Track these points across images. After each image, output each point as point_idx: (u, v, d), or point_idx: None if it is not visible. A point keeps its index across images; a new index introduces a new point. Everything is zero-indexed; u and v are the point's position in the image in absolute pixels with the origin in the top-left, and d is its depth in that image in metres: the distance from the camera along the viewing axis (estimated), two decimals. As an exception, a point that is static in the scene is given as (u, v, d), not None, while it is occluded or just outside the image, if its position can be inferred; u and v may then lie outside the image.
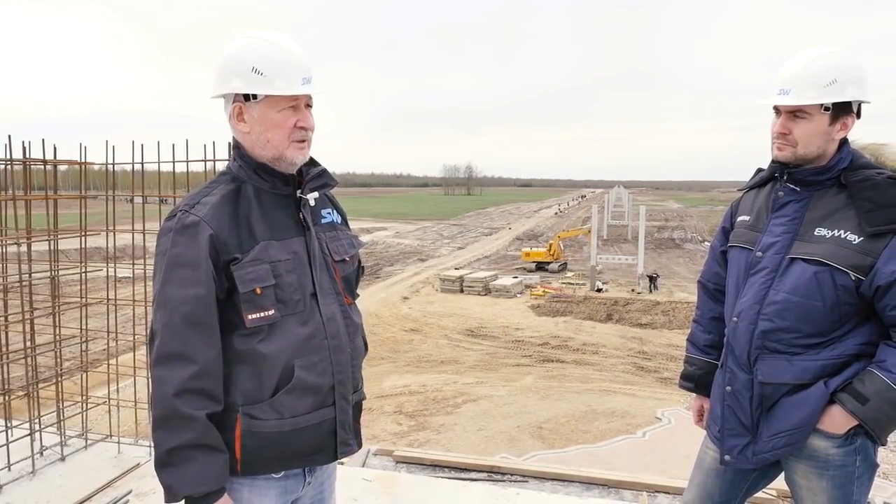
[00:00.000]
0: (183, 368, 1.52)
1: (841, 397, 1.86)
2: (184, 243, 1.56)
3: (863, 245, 1.82)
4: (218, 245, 1.57)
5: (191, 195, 1.66)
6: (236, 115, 1.65)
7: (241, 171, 1.69)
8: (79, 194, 3.76)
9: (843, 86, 1.84)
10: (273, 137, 1.65)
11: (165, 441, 1.52)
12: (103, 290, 3.99)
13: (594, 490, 3.91)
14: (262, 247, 1.62)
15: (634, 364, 22.20)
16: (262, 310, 1.59)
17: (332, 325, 1.70)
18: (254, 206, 1.65)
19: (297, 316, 1.65)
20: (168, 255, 1.57)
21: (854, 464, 1.92)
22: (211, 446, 1.54)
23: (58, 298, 3.77)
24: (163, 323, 1.54)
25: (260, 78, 1.61)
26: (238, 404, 1.61)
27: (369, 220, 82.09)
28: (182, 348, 1.53)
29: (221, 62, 1.66)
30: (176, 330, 1.53)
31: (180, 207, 1.62)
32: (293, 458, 1.68)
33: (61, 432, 3.77)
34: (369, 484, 3.51)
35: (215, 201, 1.62)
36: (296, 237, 1.69)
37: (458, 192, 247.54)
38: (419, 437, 15.13)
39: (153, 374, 1.55)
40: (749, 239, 2.06)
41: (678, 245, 59.62)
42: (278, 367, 1.61)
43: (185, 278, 1.54)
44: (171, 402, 1.51)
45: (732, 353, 2.04)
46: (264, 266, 1.60)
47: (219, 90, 1.67)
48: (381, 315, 29.07)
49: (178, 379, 1.51)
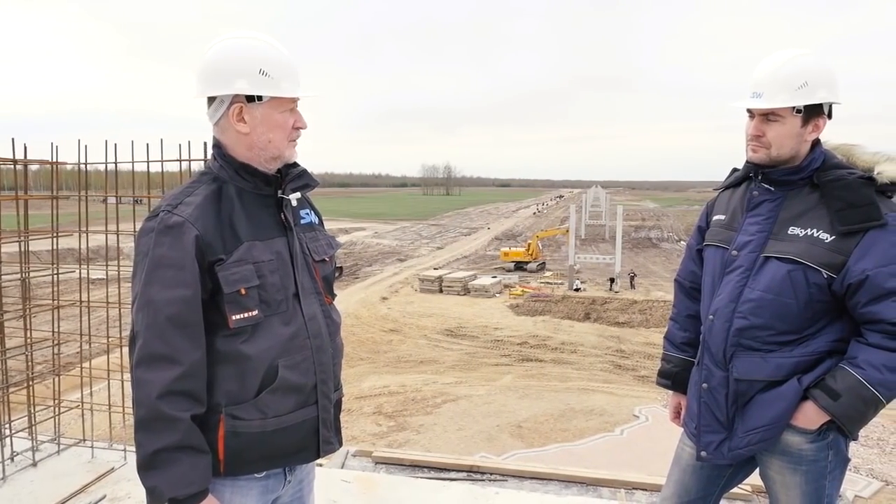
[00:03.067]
0: (168, 370, 1.50)
1: (814, 394, 1.89)
2: (168, 244, 1.54)
3: (835, 244, 1.85)
4: (203, 246, 1.56)
5: (172, 195, 1.64)
6: (235, 115, 1.63)
7: (221, 171, 1.68)
8: (50, 194, 3.69)
9: (814, 88, 1.87)
10: (275, 138, 1.66)
11: (149, 443, 1.51)
12: (76, 291, 3.93)
13: (573, 488, 3.94)
14: (246, 247, 1.61)
15: (612, 362, 22.40)
16: (246, 310, 1.59)
17: (314, 324, 1.72)
18: (236, 206, 1.64)
19: (279, 316, 1.65)
20: (151, 256, 1.55)
21: (826, 458, 1.96)
22: (195, 448, 1.53)
23: (29, 301, 3.69)
24: (146, 324, 1.52)
25: (267, 80, 1.62)
26: (221, 405, 1.60)
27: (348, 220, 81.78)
28: (167, 350, 1.51)
29: (218, 62, 1.63)
30: (161, 331, 1.51)
31: (162, 207, 1.59)
32: (276, 457, 1.68)
33: (33, 437, 3.69)
34: (348, 485, 3.49)
35: (199, 202, 1.60)
36: (278, 237, 1.69)
37: (436, 192, 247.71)
38: (399, 437, 15.10)
39: (135, 376, 1.53)
40: (724, 238, 2.09)
41: (655, 244, 60.28)
42: (262, 367, 1.62)
43: (170, 279, 1.53)
44: (155, 404, 1.49)
45: (708, 351, 2.07)
46: (248, 267, 1.60)
47: (218, 90, 1.63)
48: (360, 315, 28.96)
49: (163, 381, 1.49)
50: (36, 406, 3.73)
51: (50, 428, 3.85)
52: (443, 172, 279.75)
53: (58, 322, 3.76)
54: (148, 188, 3.74)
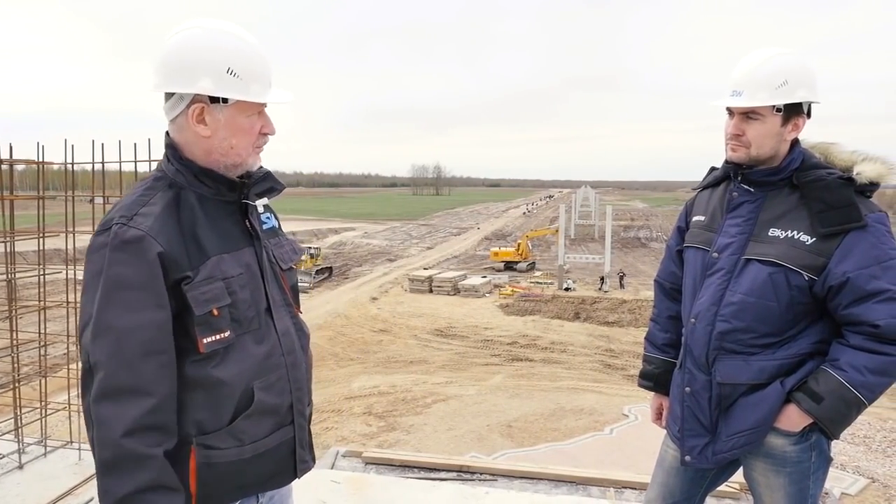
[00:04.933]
0: (136, 404, 1.34)
1: (797, 396, 1.89)
2: (125, 261, 1.36)
3: (815, 245, 1.85)
4: (168, 262, 1.39)
5: (123, 205, 1.45)
6: (195, 116, 1.46)
7: (178, 175, 1.50)
8: (37, 195, 3.65)
9: (794, 87, 1.87)
10: (238, 143, 1.50)
11: (116, 488, 1.33)
12: (63, 293, 3.89)
13: (562, 487, 3.94)
14: (214, 262, 1.46)
15: (602, 362, 22.50)
16: (218, 332, 1.44)
17: (288, 340, 1.61)
18: (199, 215, 1.48)
19: (251, 334, 1.52)
20: (106, 276, 1.36)
21: (810, 459, 1.96)
22: (168, 486, 1.38)
23: (15, 302, 3.66)
24: (108, 353, 1.35)
25: (235, 81, 1.45)
26: (191, 435, 1.45)
27: (337, 221, 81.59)
28: (136, 381, 1.35)
29: (181, 55, 1.44)
30: (126, 360, 1.34)
31: (114, 220, 1.41)
32: (252, 485, 1.57)
33: (19, 439, 3.66)
34: (338, 486, 3.48)
35: (157, 212, 1.43)
36: (246, 248, 1.55)
37: (426, 192, 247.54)
38: (389, 437, 15.09)
39: (95, 413, 1.35)
40: (704, 239, 2.08)
41: (644, 244, 60.58)
42: (237, 391, 1.48)
43: (132, 302, 1.36)
44: (121, 444, 1.32)
45: (691, 354, 2.06)
46: (219, 284, 1.45)
47: (178, 87, 1.45)
48: (349, 316, 28.92)
49: (131, 416, 1.34)
50: (22, 408, 3.70)
51: (36, 430, 3.82)
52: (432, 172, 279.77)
53: (44, 323, 3.73)
54: (136, 188, 3.71)
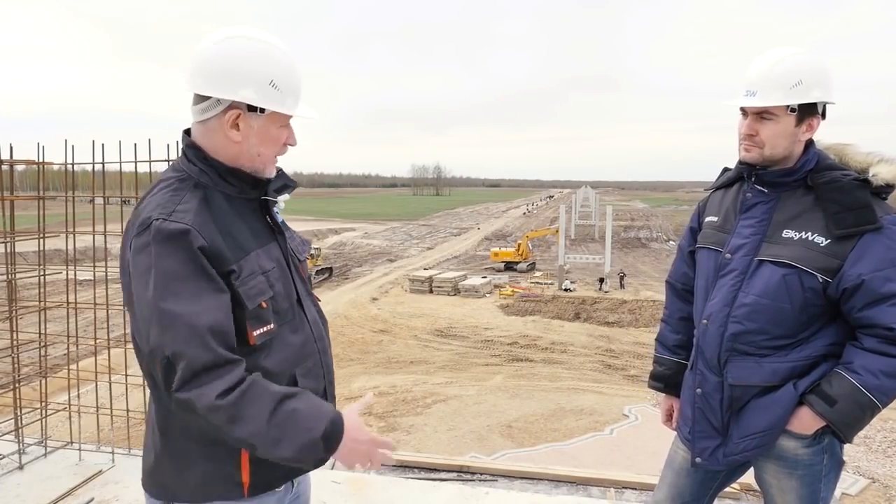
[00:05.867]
0: (228, 371, 1.37)
1: (809, 399, 1.87)
2: (172, 253, 1.38)
3: (830, 247, 1.83)
4: (211, 256, 1.41)
5: (156, 204, 1.46)
6: (230, 121, 1.50)
7: (202, 175, 1.53)
8: (37, 195, 3.65)
9: (809, 87, 1.85)
10: (265, 152, 1.56)
11: (269, 433, 1.36)
12: (63, 293, 3.90)
13: (563, 487, 3.95)
14: (253, 257, 1.51)
15: (602, 362, 22.48)
16: (266, 324, 1.50)
17: (317, 327, 1.69)
18: (228, 213, 1.52)
19: (288, 325, 1.58)
20: (157, 271, 1.37)
21: (822, 462, 1.95)
22: (288, 394, 1.41)
23: (15, 302, 3.66)
24: (183, 339, 1.34)
25: (275, 93, 1.50)
26: None
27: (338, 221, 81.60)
28: (216, 357, 1.36)
29: (228, 62, 1.48)
30: (205, 341, 1.35)
31: (153, 217, 1.41)
32: (298, 469, 1.62)
33: (19, 440, 3.66)
34: (339, 486, 3.48)
35: (195, 208, 1.45)
36: (271, 243, 1.61)
37: (426, 193, 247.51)
38: (389, 437, 15.06)
39: (191, 396, 1.34)
40: (717, 240, 2.06)
41: (644, 244, 60.54)
42: (283, 380, 1.53)
43: (191, 290, 1.37)
44: (223, 405, 1.34)
45: (702, 356, 2.04)
46: (260, 278, 1.51)
47: (221, 93, 1.48)
48: (350, 316, 28.90)
49: (229, 380, 1.36)
50: (22, 408, 3.70)
51: (37, 430, 3.82)
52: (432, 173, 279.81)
53: (44, 324, 3.72)
54: (136, 188, 3.71)
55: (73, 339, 3.80)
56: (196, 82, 1.49)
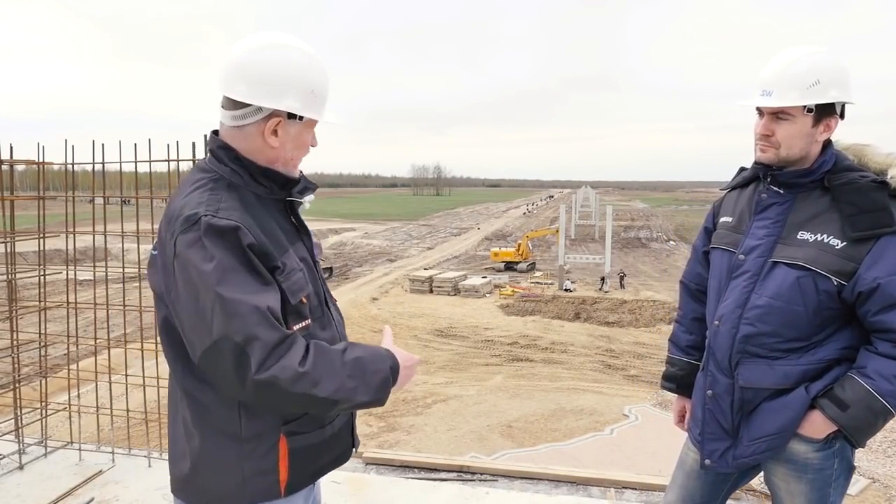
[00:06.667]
0: (296, 346, 1.40)
1: (822, 403, 1.85)
2: (226, 247, 1.39)
3: (845, 250, 1.81)
4: (259, 254, 1.43)
5: (199, 202, 1.45)
6: (271, 129, 1.52)
7: (234, 176, 1.54)
8: (37, 195, 3.66)
9: (826, 87, 1.82)
10: (297, 156, 1.61)
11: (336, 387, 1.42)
12: (63, 293, 3.90)
13: (562, 487, 3.94)
14: (291, 254, 1.54)
15: (602, 362, 22.47)
16: (304, 318, 1.53)
17: (340, 326, 1.72)
18: (263, 212, 1.54)
19: (318, 321, 1.60)
20: (214, 263, 1.37)
21: (832, 467, 1.93)
22: (344, 348, 1.49)
23: (15, 302, 3.66)
24: (253, 322, 1.35)
25: (315, 101, 1.55)
26: (279, 425, 1.52)
27: (338, 221, 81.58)
28: (283, 334, 1.39)
29: (272, 71, 1.50)
30: (270, 322, 1.37)
31: (200, 213, 1.41)
32: (328, 465, 1.67)
33: (19, 440, 3.66)
34: (339, 486, 3.48)
35: (237, 206, 1.47)
36: (298, 242, 1.64)
37: (426, 193, 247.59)
38: (389, 437, 15.09)
39: (273, 376, 1.35)
40: (731, 241, 2.04)
41: (644, 244, 60.51)
42: None
43: (247, 282, 1.38)
44: (306, 371, 1.38)
45: (714, 357, 2.02)
46: (300, 274, 1.53)
47: (265, 101, 1.50)
48: (350, 316, 28.90)
49: (299, 351, 1.39)
50: (22, 408, 3.70)
51: (37, 430, 3.82)
52: (433, 173, 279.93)
53: (45, 324, 3.73)
54: (136, 188, 3.71)
55: (73, 339, 3.80)
56: (237, 89, 1.50)
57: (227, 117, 1.55)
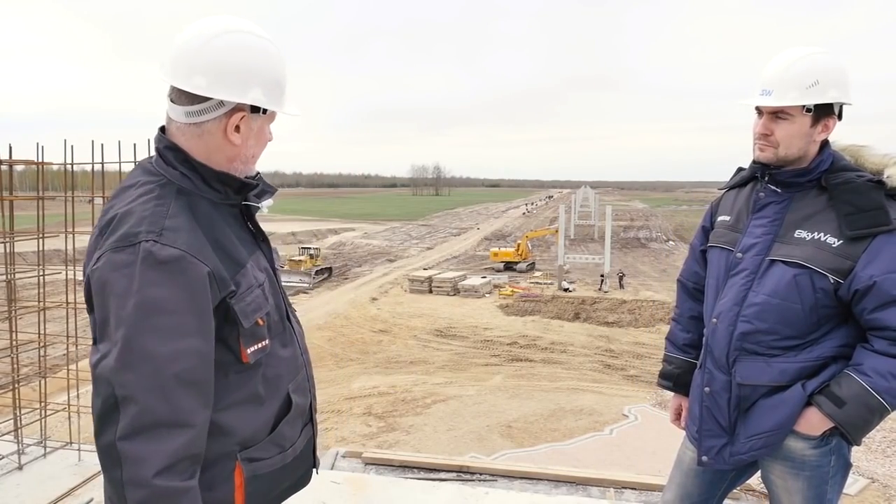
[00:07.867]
0: (177, 437, 1.22)
1: (818, 400, 1.87)
2: (161, 283, 1.22)
3: (842, 248, 1.83)
4: (217, 281, 1.29)
5: (142, 217, 1.28)
6: (234, 125, 1.38)
7: (184, 180, 1.37)
8: (36, 195, 3.65)
9: (825, 87, 1.84)
10: (257, 152, 1.47)
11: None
12: (62, 293, 3.89)
13: (562, 487, 3.94)
14: (249, 269, 1.40)
15: (602, 362, 22.48)
16: (261, 340, 1.40)
17: (301, 339, 1.62)
18: (216, 222, 1.38)
19: (278, 339, 1.49)
20: (138, 299, 1.21)
21: (829, 464, 1.94)
22: None
23: (14, 302, 3.66)
24: (143, 386, 1.20)
25: (278, 92, 1.42)
26: (236, 452, 1.40)
27: (337, 221, 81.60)
28: (174, 414, 1.22)
29: (234, 61, 1.34)
30: (165, 393, 1.21)
31: (141, 236, 1.25)
32: (288, 489, 1.58)
33: (18, 440, 3.66)
34: (338, 486, 3.48)
35: (185, 224, 1.30)
36: (258, 252, 1.49)
37: (426, 193, 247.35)
38: (388, 438, 15.08)
39: (124, 451, 1.21)
40: (729, 240, 2.06)
41: (643, 244, 60.54)
42: (278, 398, 1.47)
43: (172, 328, 1.22)
44: (154, 483, 1.20)
45: (711, 354, 2.04)
46: (257, 291, 1.40)
47: (229, 95, 1.34)
48: (349, 316, 28.91)
49: (168, 451, 1.21)
50: (22, 409, 3.69)
51: (36, 431, 3.81)
52: (432, 173, 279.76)
53: (44, 324, 3.72)
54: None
55: (73, 339, 3.80)
56: (195, 82, 1.32)
57: (179, 113, 1.37)
